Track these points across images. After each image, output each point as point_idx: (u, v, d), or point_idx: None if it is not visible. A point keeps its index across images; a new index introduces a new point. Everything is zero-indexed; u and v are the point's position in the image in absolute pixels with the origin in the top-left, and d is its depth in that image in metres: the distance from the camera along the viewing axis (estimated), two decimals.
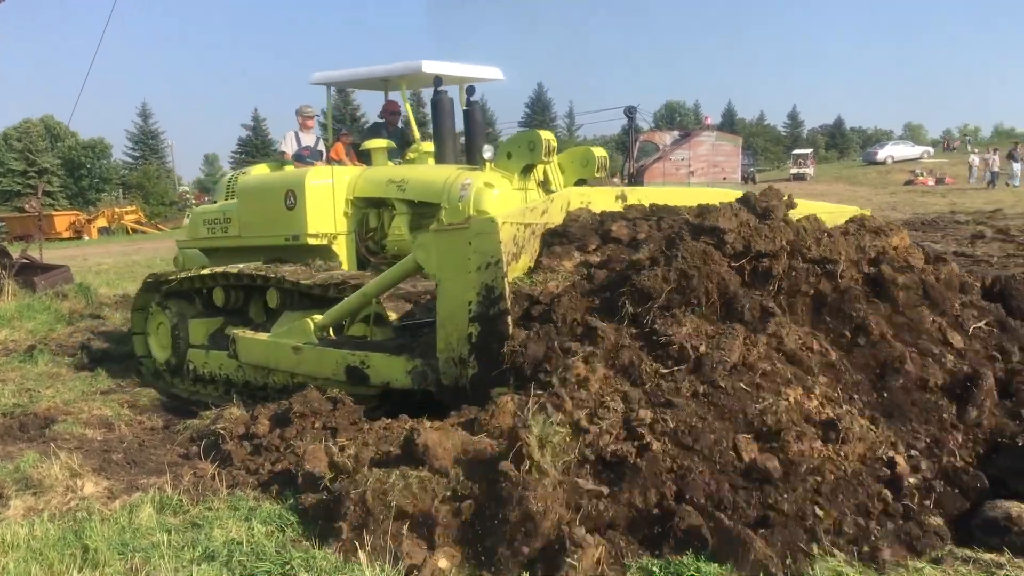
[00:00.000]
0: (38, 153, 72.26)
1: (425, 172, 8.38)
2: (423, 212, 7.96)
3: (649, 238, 5.54)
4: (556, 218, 5.77)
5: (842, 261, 5.12)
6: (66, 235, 49.92)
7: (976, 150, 55.43)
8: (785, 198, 6.27)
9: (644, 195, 6.38)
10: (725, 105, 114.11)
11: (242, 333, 7.28)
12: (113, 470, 5.47)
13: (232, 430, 5.58)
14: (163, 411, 7.67)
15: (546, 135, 7.83)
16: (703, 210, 5.41)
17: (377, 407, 5.88)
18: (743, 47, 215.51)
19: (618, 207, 6.15)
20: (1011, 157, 40.87)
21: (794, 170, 58.61)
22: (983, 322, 5.20)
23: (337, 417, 5.39)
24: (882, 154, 64.40)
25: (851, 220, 6.26)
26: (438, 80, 8.56)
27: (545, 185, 8.10)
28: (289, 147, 9.75)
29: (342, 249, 8.34)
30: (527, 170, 7.95)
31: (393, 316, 6.38)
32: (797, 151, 69.50)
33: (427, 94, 9.40)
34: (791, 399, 4.29)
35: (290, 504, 4.42)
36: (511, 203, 7.53)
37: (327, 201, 8.26)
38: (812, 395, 4.38)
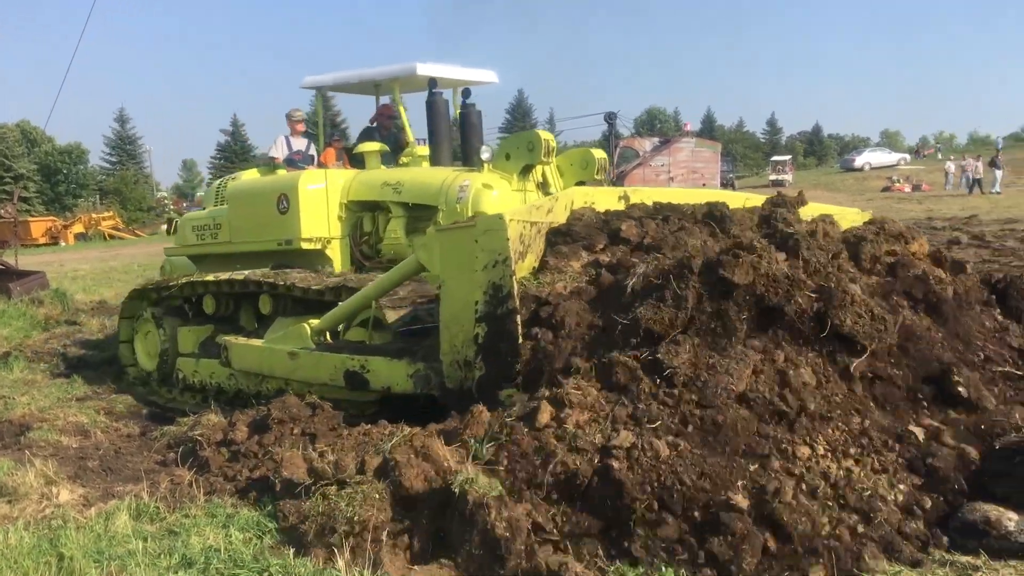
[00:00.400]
0: (14, 159, 71.50)
1: (421, 174, 8.26)
2: (419, 215, 7.85)
3: (658, 241, 5.42)
4: (560, 217, 5.67)
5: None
6: (42, 241, 49.46)
7: (952, 157, 55.98)
8: (797, 194, 6.26)
9: (646, 195, 6.32)
10: (705, 112, 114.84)
11: (235, 340, 7.15)
12: (89, 477, 5.42)
13: (210, 436, 5.55)
14: (140, 418, 7.61)
15: (545, 135, 7.73)
16: (719, 261, 4.62)
17: (376, 413, 5.82)
18: (723, 54, 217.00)
19: (621, 207, 6.08)
20: (993, 164, 41.22)
21: (773, 176, 58.89)
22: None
23: (316, 423, 5.37)
24: (859, 161, 64.92)
25: (870, 223, 6.00)
26: (433, 82, 8.44)
27: (544, 187, 8.01)
28: (280, 152, 9.60)
29: (336, 254, 8.21)
30: (526, 171, 7.85)
31: (392, 317, 6.30)
32: (776, 158, 69.87)
33: (415, 98, 9.34)
34: (794, 453, 3.94)
35: (268, 511, 4.39)
36: (510, 205, 7.40)
37: (321, 205, 8.14)
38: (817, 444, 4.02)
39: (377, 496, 4.03)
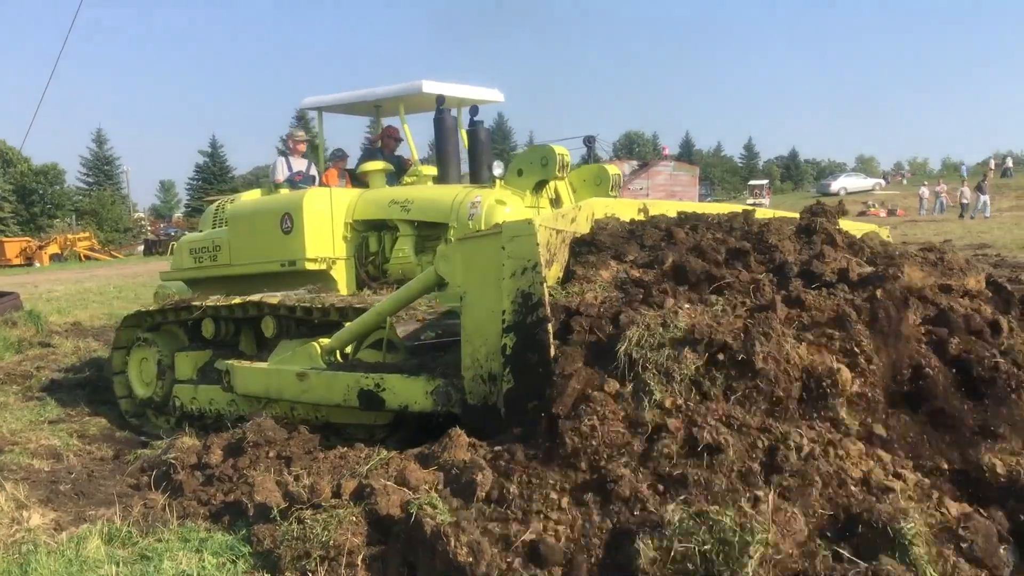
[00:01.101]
0: None
1: (431, 191, 8.07)
2: (428, 234, 7.69)
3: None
4: (583, 227, 5.52)
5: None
6: (16, 262, 49.06)
7: (926, 183, 56.68)
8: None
9: (662, 208, 6.16)
10: (683, 136, 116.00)
11: (238, 363, 6.90)
12: (61, 501, 5.35)
13: (184, 460, 5.50)
14: (113, 441, 7.52)
15: (560, 150, 7.55)
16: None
17: (387, 438, 5.72)
18: (702, 79, 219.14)
19: (641, 219, 5.89)
20: (979, 189, 41.57)
21: (750, 200, 59.42)
22: None
23: (292, 446, 5.33)
24: (835, 186, 65.63)
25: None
26: (440, 99, 8.27)
27: (556, 203, 7.84)
28: (280, 173, 9.46)
29: (341, 274, 8.06)
30: (539, 187, 7.68)
31: (402, 333, 6.09)
32: (753, 182, 70.68)
33: (416, 119, 9.30)
34: None
35: (243, 535, 4.34)
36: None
37: (325, 224, 7.97)
38: None
39: (353, 520, 4.02)
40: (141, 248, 53.99)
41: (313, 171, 9.64)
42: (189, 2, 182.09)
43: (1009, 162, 68.90)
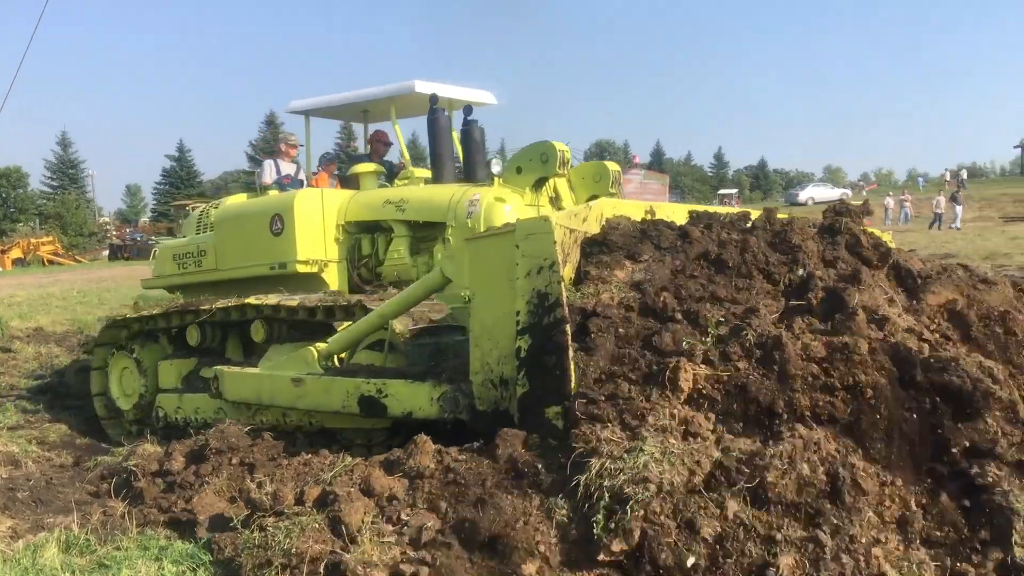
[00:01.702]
0: None
1: (427, 191, 7.85)
2: (425, 234, 7.53)
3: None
4: (593, 227, 5.40)
5: None
6: None
7: (891, 193, 57.39)
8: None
9: (669, 211, 6.07)
10: (654, 144, 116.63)
11: (228, 369, 6.71)
12: (18, 509, 5.26)
13: (145, 467, 5.43)
14: (73, 448, 7.42)
15: (560, 146, 7.34)
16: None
17: (386, 440, 5.60)
18: (672, 89, 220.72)
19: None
20: (953, 199, 41.82)
21: None
22: None
23: (255, 453, 5.27)
24: (803, 195, 66.32)
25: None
26: (434, 98, 8.07)
27: (556, 202, 7.68)
28: (268, 176, 9.25)
29: (333, 277, 7.86)
30: (539, 184, 7.51)
31: (399, 327, 5.88)
32: (723, 191, 71.21)
33: (406, 124, 9.00)
34: None
35: (203, 543, 4.29)
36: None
37: (317, 225, 7.78)
38: None
39: (316, 528, 3.98)
40: (106, 253, 53.25)
41: (302, 175, 9.43)
42: (154, 3, 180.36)
43: (964, 174, 69.94)
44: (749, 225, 5.61)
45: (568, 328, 4.31)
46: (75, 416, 8.52)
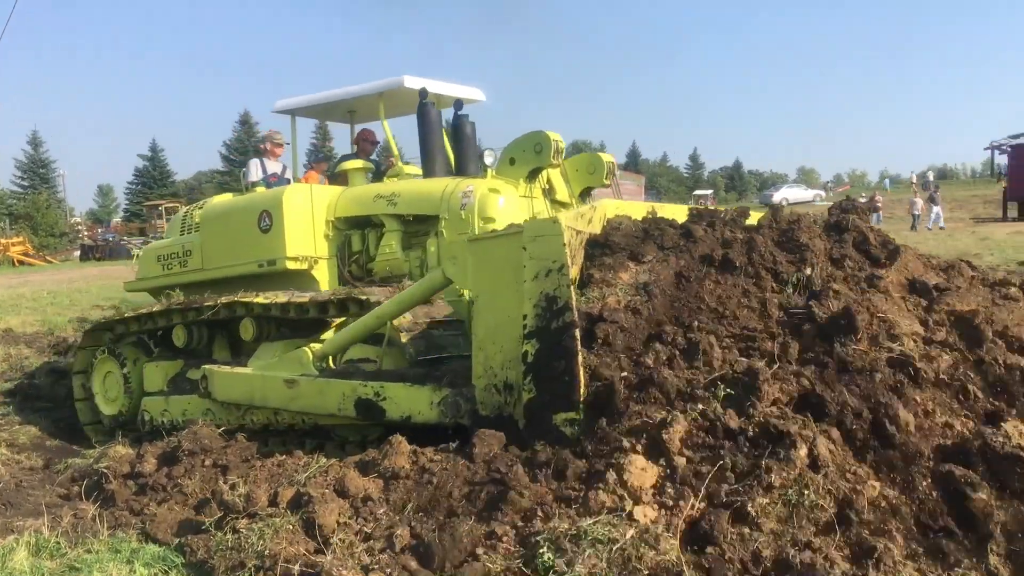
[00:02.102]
0: None
1: (419, 184, 7.73)
2: (417, 228, 7.42)
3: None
4: (595, 228, 5.32)
5: None
6: None
7: (863, 194, 57.93)
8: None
9: (669, 212, 5.99)
10: (630, 145, 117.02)
11: (218, 369, 6.59)
12: None
13: (116, 469, 5.38)
14: (44, 450, 7.33)
15: (554, 136, 7.20)
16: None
17: (381, 437, 5.36)
18: (649, 90, 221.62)
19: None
20: (931, 200, 42.02)
21: None
22: None
23: (228, 454, 5.23)
24: (777, 196, 66.70)
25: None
26: (424, 92, 7.87)
27: (549, 194, 7.56)
28: (254, 174, 9.04)
29: (323, 274, 7.72)
30: (533, 175, 7.37)
31: (404, 340, 5.78)
32: (698, 191, 71.57)
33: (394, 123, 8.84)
34: None
35: (176, 545, 4.26)
36: (519, 212, 6.97)
37: (306, 221, 7.63)
38: None
39: (290, 529, 3.95)
40: (77, 254, 52.58)
41: (289, 174, 9.26)
42: (124, 2, 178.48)
43: (931, 175, 70.79)
44: (755, 224, 5.52)
45: (578, 333, 4.23)
46: (45, 418, 8.42)
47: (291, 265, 7.50)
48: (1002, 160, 30.18)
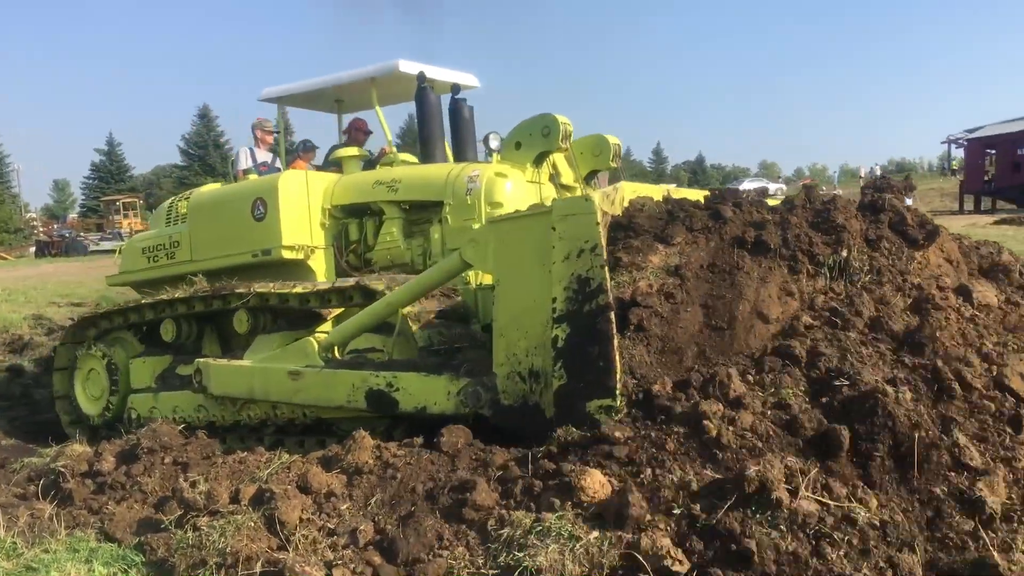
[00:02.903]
0: None
1: (421, 169, 7.46)
2: (419, 216, 7.20)
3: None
4: (617, 210, 5.17)
5: None
6: None
7: (823, 188, 58.68)
8: (904, 178, 5.67)
9: (683, 194, 5.81)
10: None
11: (214, 362, 6.33)
12: None
13: (74, 468, 5.29)
14: None
15: (562, 119, 6.95)
16: None
17: (388, 429, 5.19)
18: (611, 84, 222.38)
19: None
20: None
21: None
22: None
23: (189, 451, 5.18)
24: (740, 189, 67.45)
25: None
26: (422, 76, 7.62)
27: (556, 178, 7.30)
28: (244, 163, 8.80)
29: (320, 264, 7.46)
30: (540, 159, 7.12)
31: (409, 310, 5.52)
32: (663, 185, 71.83)
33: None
34: None
35: (135, 544, 4.21)
36: (526, 197, 6.67)
37: (303, 209, 7.37)
38: None
39: (251, 526, 3.92)
40: (33, 250, 51.63)
41: (279, 163, 8.99)
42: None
43: (877, 170, 72.02)
44: (782, 204, 5.36)
45: (613, 316, 4.06)
46: (1, 417, 8.25)
47: (287, 255, 7.26)
48: (959, 154, 30.66)
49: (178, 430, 5.57)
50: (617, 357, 4.05)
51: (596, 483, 3.61)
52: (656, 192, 5.68)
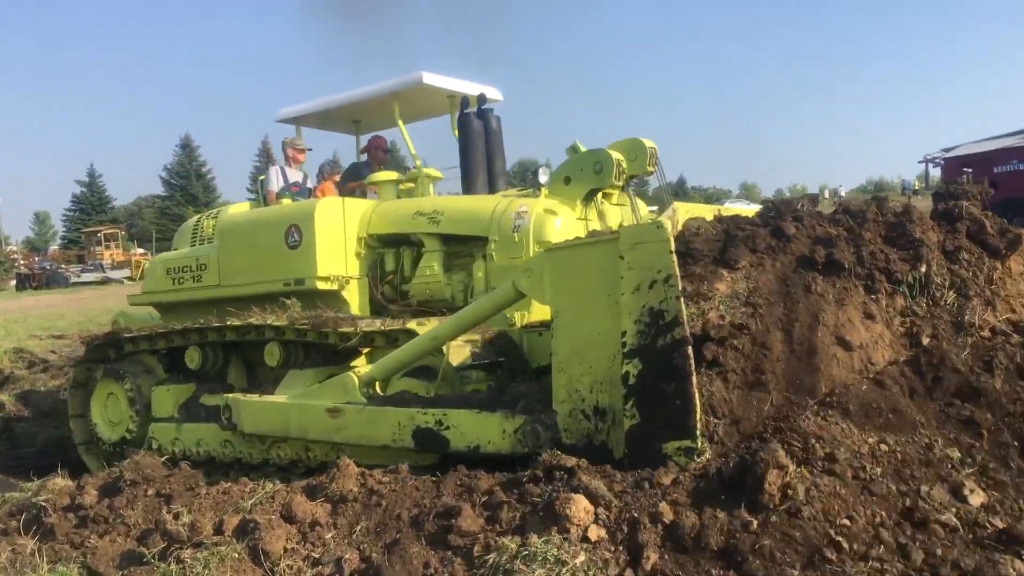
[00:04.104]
0: None
1: (465, 201, 7.21)
2: (458, 249, 6.92)
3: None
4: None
5: None
6: None
7: None
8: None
9: (730, 212, 5.64)
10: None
11: (243, 398, 6.08)
12: None
13: (56, 502, 5.22)
14: None
15: (616, 155, 6.54)
16: None
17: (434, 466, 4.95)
18: (593, 106, 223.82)
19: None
20: None
21: None
22: None
23: (172, 483, 5.13)
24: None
25: None
26: (465, 101, 7.39)
27: (602, 218, 6.82)
28: (275, 184, 8.42)
29: (354, 295, 7.17)
30: (589, 197, 6.75)
31: (457, 360, 5.30)
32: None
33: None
34: None
35: None
36: (576, 236, 6.09)
37: (338, 238, 7.09)
38: None
39: (236, 557, 3.90)
40: (13, 283, 51.26)
41: (310, 183, 8.73)
42: (56, 23, 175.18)
43: (842, 192, 73.28)
44: (844, 216, 5.02)
45: (690, 351, 3.83)
46: None
47: (321, 285, 6.98)
48: (936, 173, 30.98)
49: (161, 461, 5.52)
50: (696, 395, 3.81)
51: (581, 510, 3.61)
52: (707, 212, 5.45)
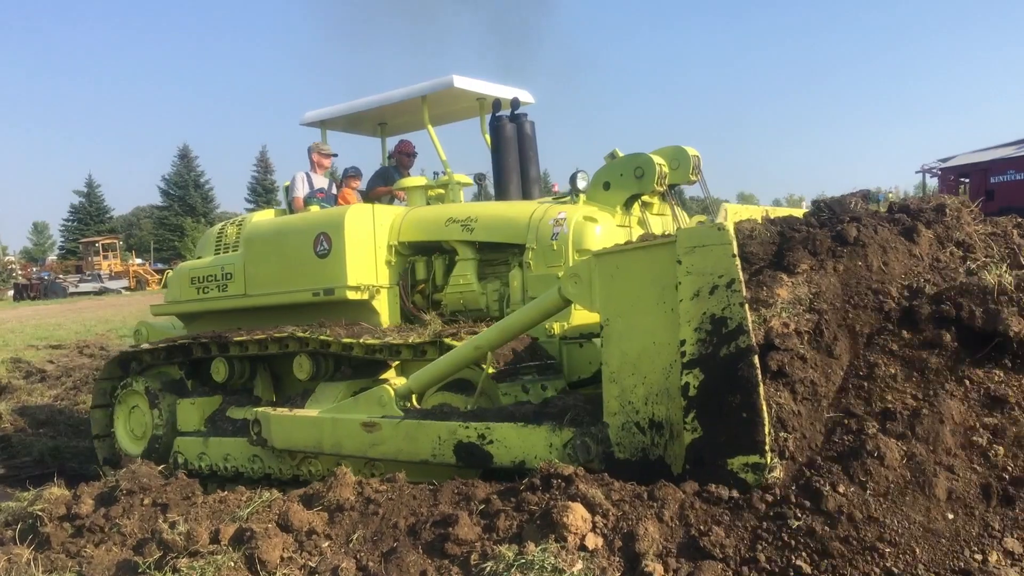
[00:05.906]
0: None
1: (500, 208, 6.99)
2: (493, 257, 6.75)
3: None
4: None
5: None
6: None
7: None
8: None
9: (778, 213, 5.49)
10: (571, 172, 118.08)
11: (274, 412, 5.87)
12: None
13: (52, 511, 5.23)
14: None
15: (658, 159, 6.33)
16: None
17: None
18: (590, 115, 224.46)
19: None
20: None
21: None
22: None
23: (168, 492, 5.13)
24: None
25: None
26: (497, 104, 7.19)
27: (644, 224, 6.67)
28: (300, 190, 8.22)
29: (383, 305, 6.94)
30: (630, 203, 6.52)
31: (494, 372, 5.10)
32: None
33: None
34: None
35: None
36: (614, 244, 6.08)
37: (368, 246, 6.92)
38: None
39: (231, 566, 3.89)
40: (11, 293, 51.26)
41: (335, 190, 8.52)
42: (55, 33, 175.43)
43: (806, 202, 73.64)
44: (900, 216, 4.84)
45: (757, 360, 3.62)
46: None
47: (352, 295, 6.78)
48: (933, 183, 31.02)
49: (157, 471, 5.52)
50: (764, 407, 3.59)
51: (579, 519, 3.60)
52: (756, 214, 5.33)
